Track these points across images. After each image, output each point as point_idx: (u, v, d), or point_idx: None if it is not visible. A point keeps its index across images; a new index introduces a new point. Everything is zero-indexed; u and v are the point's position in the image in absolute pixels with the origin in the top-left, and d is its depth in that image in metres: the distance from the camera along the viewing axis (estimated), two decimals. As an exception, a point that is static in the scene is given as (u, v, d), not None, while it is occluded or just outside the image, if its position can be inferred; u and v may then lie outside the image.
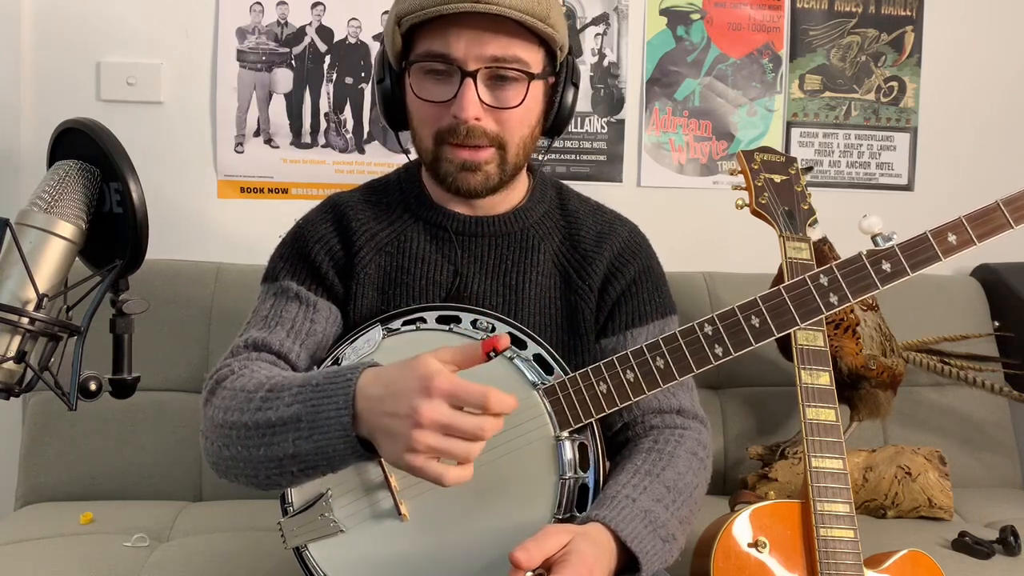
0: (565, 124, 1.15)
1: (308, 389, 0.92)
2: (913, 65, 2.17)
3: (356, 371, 0.90)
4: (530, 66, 1.06)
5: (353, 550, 1.00)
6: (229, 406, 0.98)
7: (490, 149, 1.08)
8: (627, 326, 1.16)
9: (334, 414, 0.88)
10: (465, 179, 1.09)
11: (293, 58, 1.96)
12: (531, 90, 1.07)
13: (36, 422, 1.69)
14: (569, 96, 1.13)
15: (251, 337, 1.09)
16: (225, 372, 1.04)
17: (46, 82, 1.88)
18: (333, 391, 0.90)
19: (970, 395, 1.92)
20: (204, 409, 1.04)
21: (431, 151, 1.10)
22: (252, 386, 0.98)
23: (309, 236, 1.16)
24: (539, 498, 0.98)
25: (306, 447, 0.91)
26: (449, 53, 1.04)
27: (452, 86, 1.05)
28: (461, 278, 1.13)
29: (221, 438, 0.99)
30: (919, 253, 1.04)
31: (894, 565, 1.18)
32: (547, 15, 1.04)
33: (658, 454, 1.07)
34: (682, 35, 2.08)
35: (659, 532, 0.97)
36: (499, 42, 1.04)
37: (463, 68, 1.04)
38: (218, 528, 1.55)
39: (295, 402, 0.92)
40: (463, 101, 1.04)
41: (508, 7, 1.01)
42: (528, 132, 1.11)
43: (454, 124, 1.06)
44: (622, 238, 1.19)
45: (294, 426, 0.91)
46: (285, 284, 1.14)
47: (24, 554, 1.43)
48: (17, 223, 0.84)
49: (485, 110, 1.06)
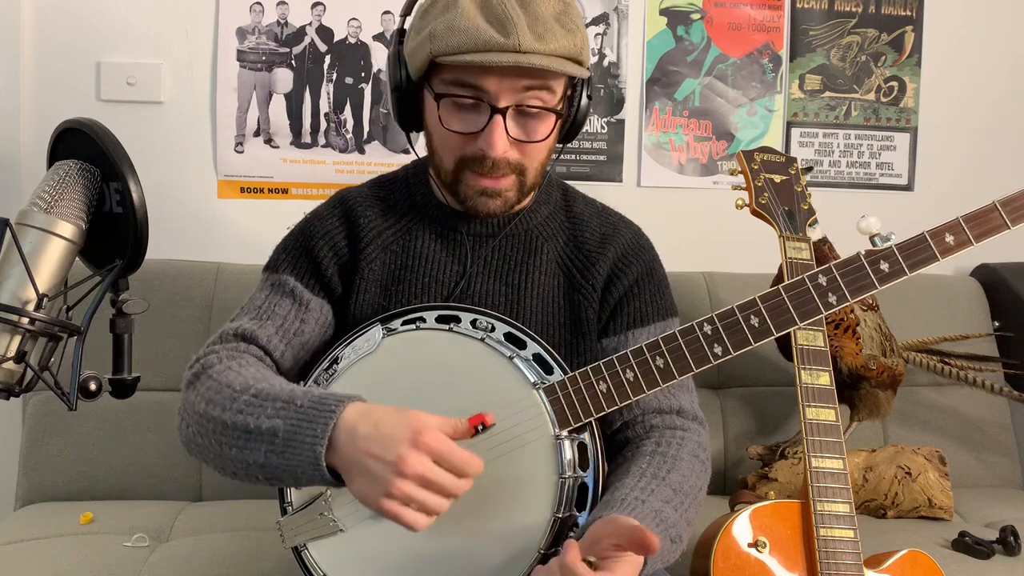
0: (578, 132, 1.16)
1: (292, 408, 0.94)
2: (913, 65, 2.17)
3: (342, 403, 0.92)
4: (555, 97, 1.06)
5: (352, 549, 1.00)
6: (212, 398, 1.00)
7: (511, 177, 1.08)
8: (628, 327, 1.16)
9: (309, 440, 0.91)
10: (485, 204, 1.09)
11: (293, 58, 1.96)
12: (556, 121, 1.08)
13: (36, 422, 1.69)
14: (584, 107, 1.13)
15: (242, 327, 1.10)
16: (212, 360, 1.05)
17: (46, 82, 1.88)
18: (315, 416, 0.92)
19: (970, 395, 1.92)
20: (186, 391, 1.05)
21: (451, 173, 1.10)
22: (239, 385, 0.99)
23: (315, 231, 1.16)
24: (539, 497, 0.97)
25: (276, 461, 0.93)
26: (482, 86, 1.03)
27: (480, 118, 1.04)
28: (467, 277, 1.14)
29: (198, 425, 1.00)
30: (917, 253, 1.04)
31: (894, 565, 1.18)
32: (580, 52, 1.04)
33: (662, 457, 1.07)
34: (682, 35, 2.08)
35: (669, 533, 0.98)
36: (533, 80, 1.03)
37: (494, 104, 1.03)
38: (218, 528, 1.55)
39: (276, 416, 0.94)
40: (491, 138, 1.04)
41: (548, 54, 1.00)
42: (547, 155, 1.12)
43: (480, 155, 1.06)
44: (626, 240, 1.19)
45: (269, 439, 0.93)
46: (283, 278, 1.14)
47: (24, 554, 1.43)
48: (17, 223, 0.84)
49: (512, 144, 1.06)
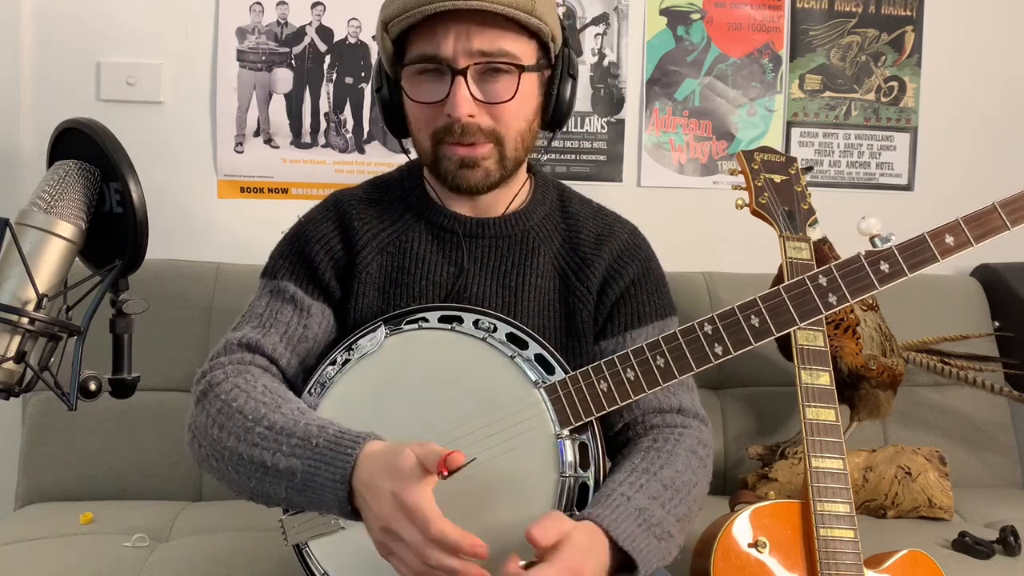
0: (565, 117, 1.15)
1: (308, 448, 0.93)
2: (913, 65, 2.17)
3: (358, 444, 0.92)
4: (520, 58, 1.06)
5: (354, 547, 1.00)
6: (224, 424, 1.00)
7: (488, 145, 1.08)
8: (626, 327, 1.16)
9: (330, 484, 0.91)
10: (465, 176, 1.09)
11: (293, 58, 1.96)
12: (523, 83, 1.07)
13: (36, 422, 1.69)
14: (567, 88, 1.13)
15: (246, 336, 1.10)
16: (219, 376, 1.05)
17: (46, 82, 1.88)
18: (332, 459, 0.92)
19: (970, 395, 1.92)
20: (194, 407, 1.05)
21: (430, 151, 1.10)
22: (250, 413, 0.99)
23: (310, 236, 1.16)
24: (539, 496, 0.98)
25: (298, 498, 0.95)
26: (438, 53, 1.04)
27: (444, 85, 1.05)
28: (463, 279, 1.14)
29: (211, 448, 1.01)
30: (917, 254, 1.04)
31: (894, 565, 1.18)
32: (532, 7, 1.04)
33: (656, 452, 1.07)
34: (682, 35, 2.08)
35: (653, 530, 0.97)
36: (486, 36, 1.04)
37: (452, 66, 1.04)
38: (218, 528, 1.55)
39: (293, 455, 0.94)
40: (455, 99, 1.04)
41: (490, 1, 1.01)
42: (525, 126, 1.10)
43: (449, 123, 1.06)
44: (621, 240, 1.19)
45: (288, 478, 0.94)
46: (283, 284, 1.14)
47: (24, 554, 1.43)
48: (17, 223, 0.84)
49: (478, 106, 1.06)
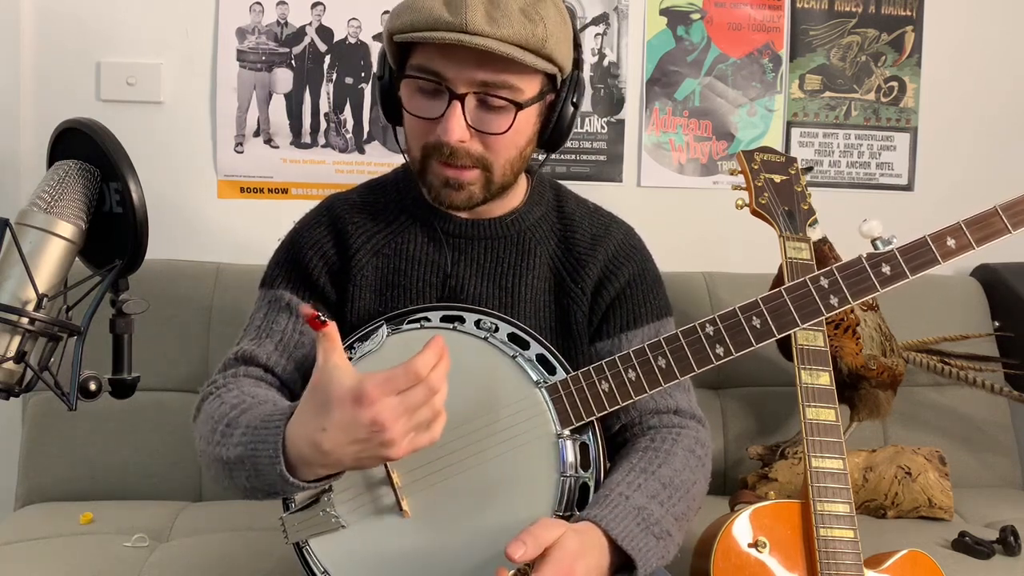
0: (562, 141, 1.12)
1: (249, 432, 0.95)
2: (913, 65, 2.17)
3: (285, 414, 0.93)
4: (522, 93, 1.04)
5: (354, 546, 1.00)
6: (203, 433, 1.04)
7: (475, 171, 1.07)
8: (622, 329, 1.16)
9: (268, 462, 0.92)
10: (448, 195, 1.08)
11: (293, 58, 1.96)
12: (520, 117, 1.05)
13: (36, 422, 1.69)
14: (568, 114, 1.10)
15: (242, 349, 1.12)
16: (210, 390, 1.08)
17: (46, 82, 1.88)
18: (265, 436, 0.93)
19: (970, 395, 1.92)
20: (193, 424, 1.09)
21: (419, 161, 1.09)
22: (217, 416, 1.01)
23: (303, 242, 1.16)
24: (540, 495, 0.98)
25: (258, 483, 0.95)
26: (440, 72, 1.02)
27: (441, 104, 1.03)
28: (455, 279, 1.13)
29: (202, 460, 1.05)
30: (918, 257, 1.04)
31: (894, 565, 1.18)
32: (543, 44, 1.01)
33: (654, 452, 1.07)
34: (682, 35, 2.08)
35: (652, 529, 0.97)
36: (491, 68, 1.01)
37: (452, 90, 1.02)
38: (218, 528, 1.55)
39: (240, 443, 0.95)
40: (448, 123, 1.02)
41: (499, 39, 0.98)
42: (516, 154, 1.09)
43: (439, 142, 1.04)
44: (616, 241, 1.18)
45: (241, 467, 0.95)
46: (279, 293, 1.15)
47: (24, 554, 1.43)
48: (17, 223, 0.84)
49: (472, 133, 1.04)
